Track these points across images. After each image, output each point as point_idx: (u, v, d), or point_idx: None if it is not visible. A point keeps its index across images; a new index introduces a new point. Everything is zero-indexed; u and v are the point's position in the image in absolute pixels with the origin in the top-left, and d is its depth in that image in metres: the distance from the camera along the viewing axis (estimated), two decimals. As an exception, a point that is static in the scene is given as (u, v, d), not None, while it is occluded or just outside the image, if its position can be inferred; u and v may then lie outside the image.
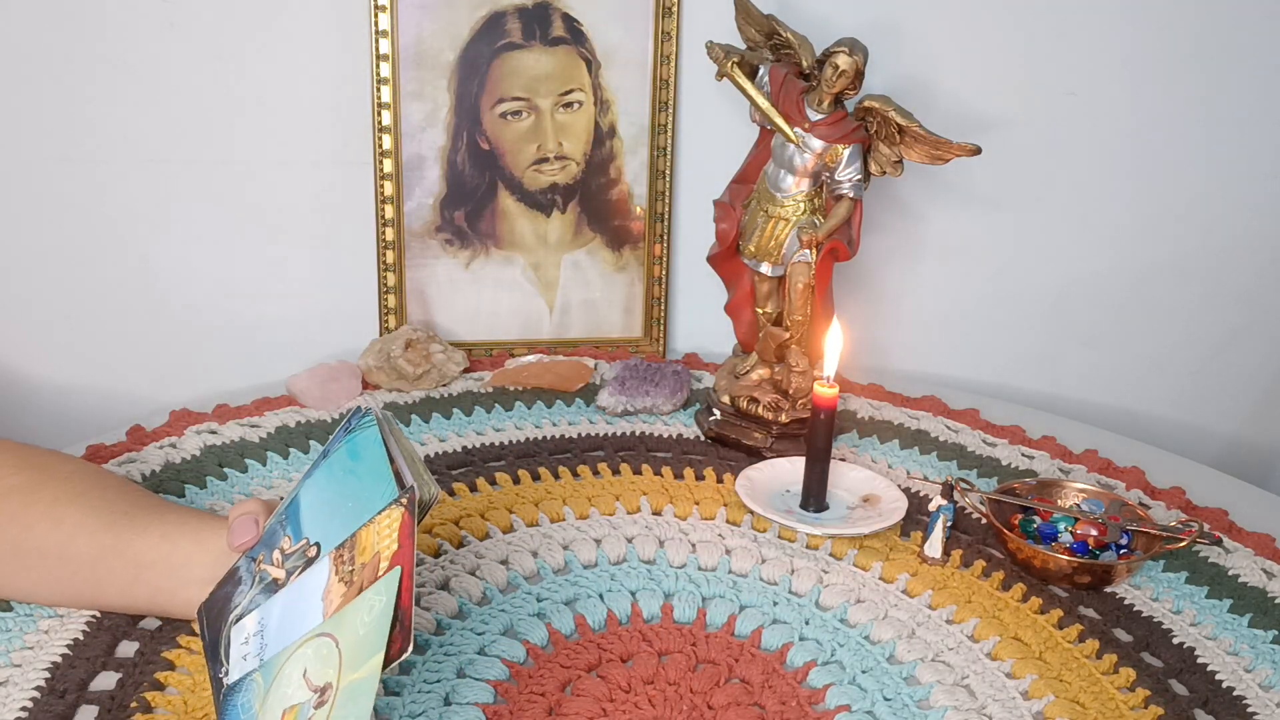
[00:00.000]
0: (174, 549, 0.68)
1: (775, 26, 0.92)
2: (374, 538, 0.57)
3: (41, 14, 0.95)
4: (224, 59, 1.00)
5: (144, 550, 0.68)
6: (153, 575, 0.68)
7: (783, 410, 0.96)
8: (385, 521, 0.57)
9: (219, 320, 1.07)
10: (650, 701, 0.66)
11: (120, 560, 0.68)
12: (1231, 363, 1.24)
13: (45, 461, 0.74)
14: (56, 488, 0.71)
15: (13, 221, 1.01)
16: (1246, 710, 0.69)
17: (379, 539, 0.57)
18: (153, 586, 0.68)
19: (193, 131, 1.01)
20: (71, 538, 0.68)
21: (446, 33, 1.02)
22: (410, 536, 0.56)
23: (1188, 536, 0.82)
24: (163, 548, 0.68)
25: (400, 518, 0.57)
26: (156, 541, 0.68)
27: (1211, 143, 1.15)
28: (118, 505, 0.71)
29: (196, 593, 0.66)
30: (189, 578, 0.67)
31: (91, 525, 0.69)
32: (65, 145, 1.00)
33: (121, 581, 0.68)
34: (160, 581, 0.68)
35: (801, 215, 0.93)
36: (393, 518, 0.57)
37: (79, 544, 0.68)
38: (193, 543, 0.68)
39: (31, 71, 0.97)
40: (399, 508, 0.57)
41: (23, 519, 0.69)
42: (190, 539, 0.68)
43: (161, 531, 0.69)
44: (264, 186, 1.05)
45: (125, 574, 0.68)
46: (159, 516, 0.70)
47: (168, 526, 0.69)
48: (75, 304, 1.04)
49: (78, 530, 0.68)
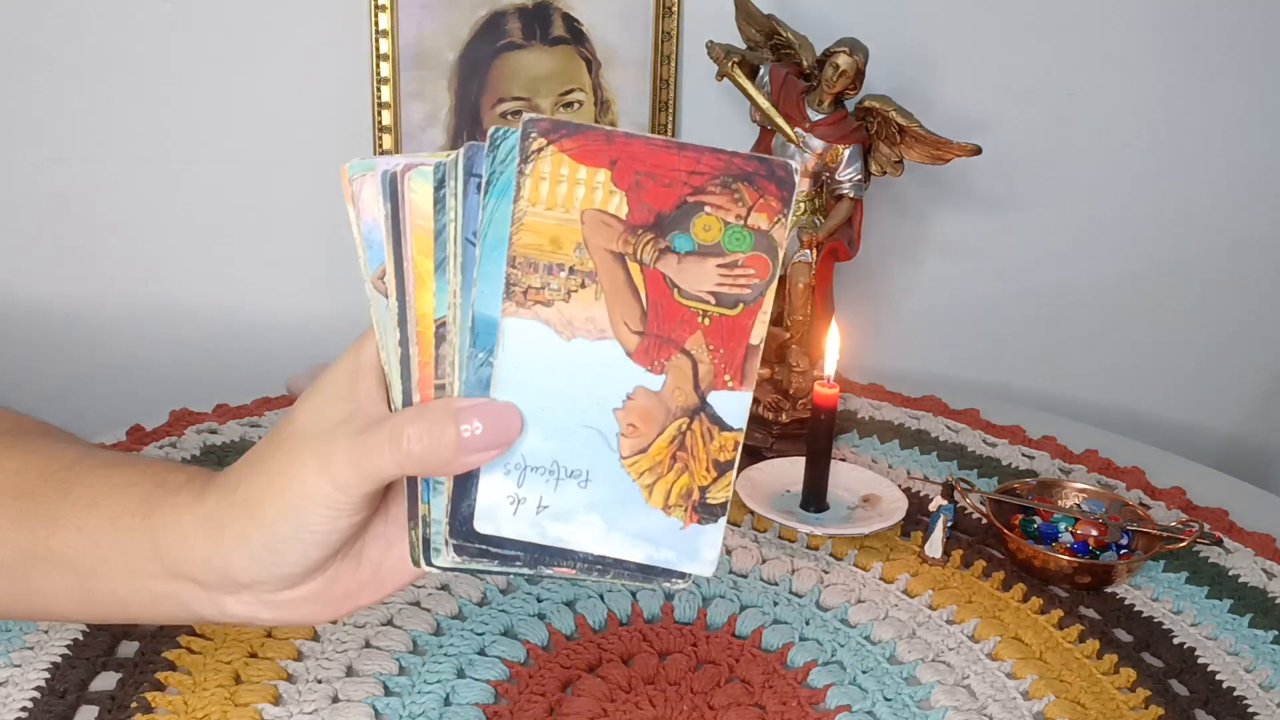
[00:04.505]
0: (99, 544, 0.45)
1: (775, 26, 0.92)
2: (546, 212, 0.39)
3: (41, 14, 0.95)
4: (224, 59, 1.00)
5: (65, 551, 0.46)
6: (96, 583, 0.46)
7: (783, 410, 0.96)
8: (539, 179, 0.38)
9: (219, 320, 1.07)
10: (650, 701, 0.66)
11: (49, 565, 0.46)
12: (1231, 363, 1.24)
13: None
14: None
15: (12, 221, 1.01)
16: (1247, 710, 0.69)
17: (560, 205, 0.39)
18: (107, 595, 0.46)
19: (193, 131, 1.01)
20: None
21: (447, 33, 1.02)
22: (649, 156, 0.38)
23: (1188, 537, 0.82)
24: (82, 544, 0.45)
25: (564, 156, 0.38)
26: (72, 536, 0.45)
27: (1211, 142, 1.15)
28: (22, 483, 0.48)
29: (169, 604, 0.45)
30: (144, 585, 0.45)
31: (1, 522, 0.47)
32: (65, 145, 1.00)
33: (69, 594, 0.47)
34: (114, 586, 0.46)
35: (802, 215, 0.93)
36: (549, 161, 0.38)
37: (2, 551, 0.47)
38: (116, 532, 0.45)
39: (30, 71, 0.97)
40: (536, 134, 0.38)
41: None
42: (109, 531, 0.45)
43: (76, 522, 0.46)
44: (264, 186, 1.05)
45: (66, 582, 0.47)
46: (68, 494, 0.47)
47: (79, 509, 0.46)
48: (75, 304, 1.04)
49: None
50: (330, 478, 0.40)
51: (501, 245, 0.39)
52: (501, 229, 0.39)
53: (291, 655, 0.67)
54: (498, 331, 0.39)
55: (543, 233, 0.38)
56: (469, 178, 0.39)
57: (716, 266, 0.40)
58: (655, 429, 0.41)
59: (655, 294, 0.40)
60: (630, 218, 0.39)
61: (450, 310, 0.40)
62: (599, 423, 0.40)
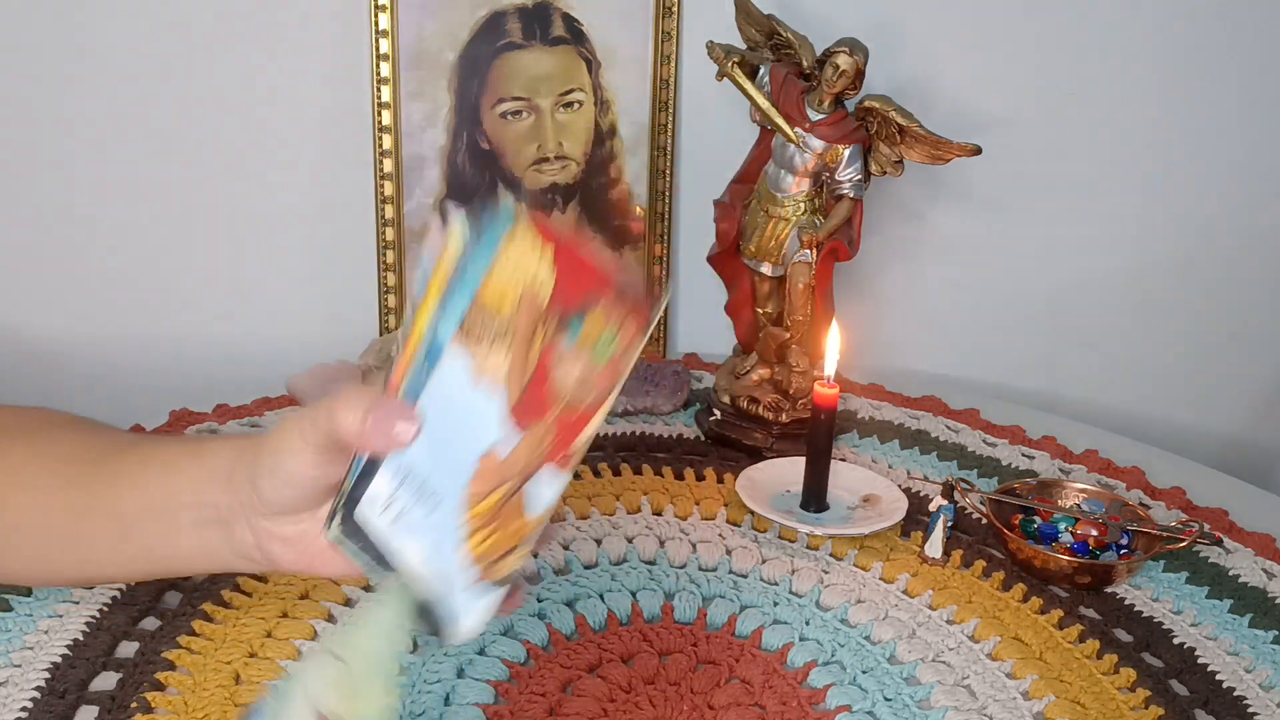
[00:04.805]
0: (146, 495, 0.58)
1: (775, 26, 0.92)
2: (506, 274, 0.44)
3: (41, 14, 0.95)
4: (224, 59, 1.00)
5: (117, 502, 0.59)
6: (138, 529, 0.59)
7: (783, 410, 0.96)
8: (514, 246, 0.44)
9: (219, 320, 1.07)
10: (651, 702, 0.66)
11: (102, 516, 0.59)
12: (1231, 363, 1.24)
13: (5, 420, 0.65)
14: (24, 447, 0.62)
15: (11, 222, 1.01)
16: (1247, 710, 0.69)
17: (514, 272, 0.44)
18: (141, 543, 0.59)
19: (193, 131, 1.01)
20: (46, 503, 0.60)
21: (446, 33, 1.02)
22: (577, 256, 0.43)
23: (1188, 537, 0.82)
24: (136, 496, 0.58)
25: (534, 230, 0.43)
26: (128, 490, 0.58)
27: (1212, 143, 1.15)
28: (89, 453, 0.61)
29: (195, 541, 0.58)
30: (176, 524, 0.58)
31: (61, 482, 0.60)
32: (65, 145, 1.00)
33: (109, 540, 0.60)
34: (147, 535, 0.59)
35: (802, 215, 0.93)
36: (522, 233, 0.43)
37: (54, 506, 0.60)
38: (162, 483, 0.58)
39: (29, 71, 0.97)
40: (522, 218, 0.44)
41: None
42: (160, 479, 0.58)
43: (131, 479, 0.59)
44: (264, 186, 1.05)
45: (110, 532, 0.59)
46: (123, 458, 0.60)
47: (133, 470, 0.59)
48: (75, 304, 1.04)
49: (50, 492, 0.60)
50: (299, 430, 0.53)
51: (470, 290, 0.44)
52: (476, 277, 0.44)
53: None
54: (441, 355, 0.45)
55: (499, 290, 0.44)
56: (474, 232, 0.45)
57: (582, 365, 0.45)
58: (495, 483, 0.45)
59: (539, 371, 0.45)
60: (552, 301, 0.44)
61: (422, 327, 0.47)
62: (466, 461, 0.45)
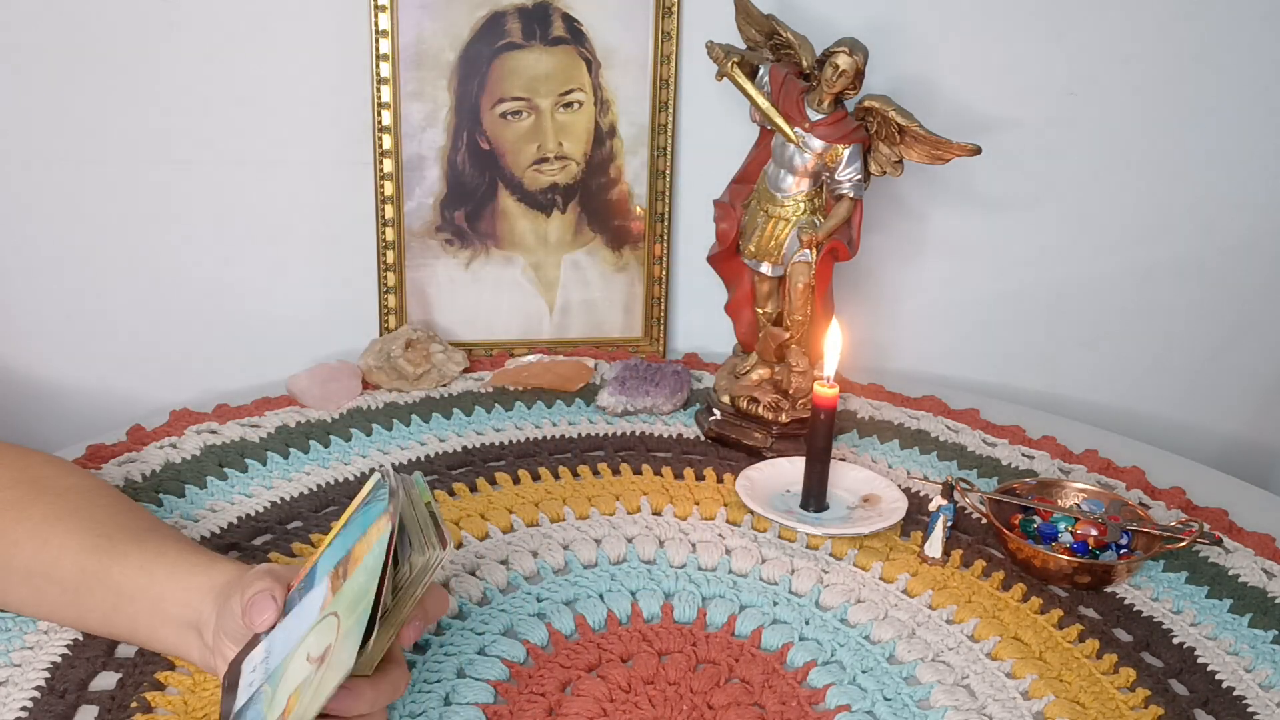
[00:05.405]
0: (150, 583, 0.64)
1: (775, 26, 0.92)
2: (364, 548, 0.58)
3: (41, 14, 0.95)
4: (224, 59, 1.00)
5: (122, 579, 0.65)
6: (131, 607, 0.64)
7: (783, 410, 0.96)
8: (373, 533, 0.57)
9: (219, 320, 1.07)
10: (650, 701, 0.66)
11: (101, 587, 0.65)
12: (1231, 363, 1.24)
13: (42, 474, 0.71)
14: (49, 504, 0.68)
15: (13, 221, 1.01)
16: (1246, 710, 0.69)
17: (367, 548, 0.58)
18: (130, 618, 0.65)
19: (192, 131, 1.01)
20: (57, 559, 0.66)
21: (446, 33, 1.02)
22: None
23: (1188, 536, 0.82)
24: (139, 580, 0.64)
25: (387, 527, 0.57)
26: (134, 573, 0.64)
27: (1212, 143, 1.15)
28: (105, 527, 0.67)
29: (174, 635, 0.63)
30: (165, 616, 0.63)
31: (76, 546, 0.66)
32: (64, 145, 0.99)
33: (103, 609, 0.65)
34: (138, 615, 0.64)
35: (801, 215, 0.93)
36: (380, 527, 0.57)
37: (64, 566, 0.66)
38: (168, 577, 0.64)
39: (30, 71, 0.97)
40: (386, 518, 0.57)
41: (11, 535, 0.66)
42: (167, 573, 0.64)
43: (140, 562, 0.65)
44: (264, 186, 1.05)
45: (105, 601, 0.65)
46: (141, 543, 0.66)
47: (147, 556, 0.65)
48: (75, 304, 1.04)
49: (63, 551, 0.66)
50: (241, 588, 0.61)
51: (349, 543, 0.59)
52: (352, 535, 0.59)
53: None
54: (314, 584, 0.59)
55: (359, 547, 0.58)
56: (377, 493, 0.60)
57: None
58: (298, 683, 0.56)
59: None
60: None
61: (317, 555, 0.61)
62: (298, 651, 0.56)
